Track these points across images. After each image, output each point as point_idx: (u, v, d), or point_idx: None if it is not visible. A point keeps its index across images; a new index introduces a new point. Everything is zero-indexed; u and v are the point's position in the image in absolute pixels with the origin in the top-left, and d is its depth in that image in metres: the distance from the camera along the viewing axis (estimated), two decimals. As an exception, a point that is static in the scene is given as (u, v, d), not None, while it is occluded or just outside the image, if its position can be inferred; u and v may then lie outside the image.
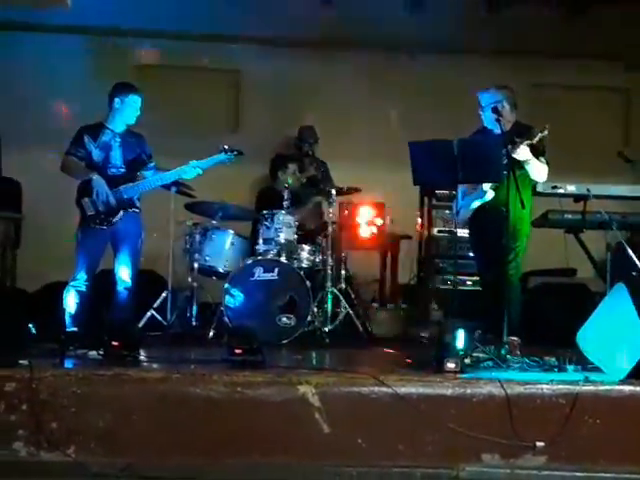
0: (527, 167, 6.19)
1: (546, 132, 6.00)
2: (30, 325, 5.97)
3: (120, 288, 6.61)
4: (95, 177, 6.48)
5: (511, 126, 6.47)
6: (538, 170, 6.25)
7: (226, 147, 6.93)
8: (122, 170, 6.64)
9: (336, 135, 9.36)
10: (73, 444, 4.71)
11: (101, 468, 4.68)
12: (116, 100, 6.63)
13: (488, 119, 6.43)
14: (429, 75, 9.82)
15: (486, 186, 6.28)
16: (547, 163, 6.30)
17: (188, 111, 9.76)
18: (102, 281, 6.75)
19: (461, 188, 6.47)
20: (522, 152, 6.05)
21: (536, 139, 6.02)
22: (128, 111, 6.65)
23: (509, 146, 6.01)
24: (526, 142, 6.02)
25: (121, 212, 6.55)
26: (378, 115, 9.70)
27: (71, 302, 6.42)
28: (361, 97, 9.74)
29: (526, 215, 6.39)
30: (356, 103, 9.73)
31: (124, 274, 6.59)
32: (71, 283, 6.51)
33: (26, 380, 4.77)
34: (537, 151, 6.16)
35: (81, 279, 6.49)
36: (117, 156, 6.63)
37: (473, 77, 8.87)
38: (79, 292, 6.48)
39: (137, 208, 6.71)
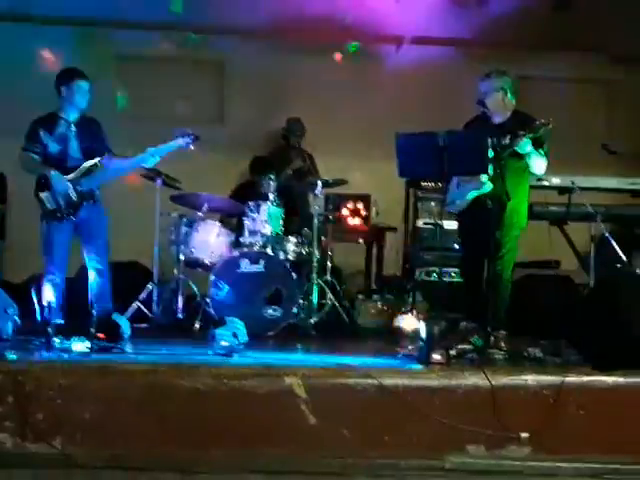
0: (528, 160, 6.18)
1: (550, 126, 5.99)
2: (15, 317, 5.97)
3: (94, 279, 6.59)
4: (52, 173, 6.41)
5: (510, 115, 6.42)
6: (538, 163, 6.24)
7: (181, 131, 6.85)
8: (81, 161, 6.55)
9: (322, 127, 9.34)
10: (59, 435, 4.72)
11: (87, 459, 4.69)
12: (62, 89, 6.51)
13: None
14: (414, 66, 9.81)
15: (484, 177, 6.25)
16: (546, 155, 6.28)
17: (172, 102, 9.74)
18: (86, 274, 6.74)
19: (455, 178, 6.44)
20: (524, 145, 6.04)
21: (540, 133, 6.01)
22: (76, 98, 6.51)
23: (511, 139, 5.99)
24: (529, 135, 6.00)
25: (82, 204, 6.50)
26: (364, 107, 9.68)
27: (50, 296, 6.37)
28: (346, 88, 9.73)
29: (522, 208, 6.38)
30: (342, 95, 9.71)
31: (96, 264, 6.57)
32: (46, 277, 6.47)
33: (12, 372, 4.77)
34: (537, 144, 6.15)
35: (54, 272, 6.46)
36: (74, 147, 6.54)
37: (457, 69, 8.89)
38: (55, 285, 6.44)
39: (97, 198, 6.62)
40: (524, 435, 4.88)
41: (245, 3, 9.44)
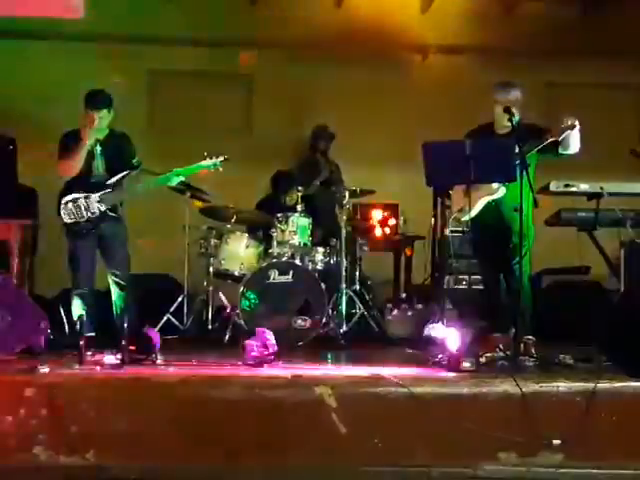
0: (572, 138, 6.15)
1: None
2: (48, 331, 6.03)
3: (116, 292, 6.64)
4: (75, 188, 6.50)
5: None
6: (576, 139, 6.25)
7: (210, 152, 6.85)
8: (104, 177, 6.59)
9: (349, 137, 9.37)
10: (92, 448, 4.75)
11: (120, 471, 4.72)
12: (84, 112, 6.57)
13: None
14: (442, 75, 9.83)
15: (495, 183, 6.25)
16: None
17: (202, 115, 9.81)
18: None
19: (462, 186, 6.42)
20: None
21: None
22: (89, 123, 6.51)
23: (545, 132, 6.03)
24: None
25: (104, 219, 6.53)
26: (391, 117, 9.71)
27: (79, 309, 6.46)
28: (374, 99, 9.76)
29: (531, 213, 6.37)
30: (369, 105, 9.74)
31: (116, 278, 6.62)
32: (74, 292, 6.55)
33: (45, 385, 4.82)
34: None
35: (82, 285, 6.53)
36: (99, 164, 6.58)
37: (487, 76, 8.85)
38: (84, 298, 6.52)
39: (119, 214, 6.66)
40: (556, 442, 4.85)
41: (272, 17, 9.53)
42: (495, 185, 6.22)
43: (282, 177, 8.64)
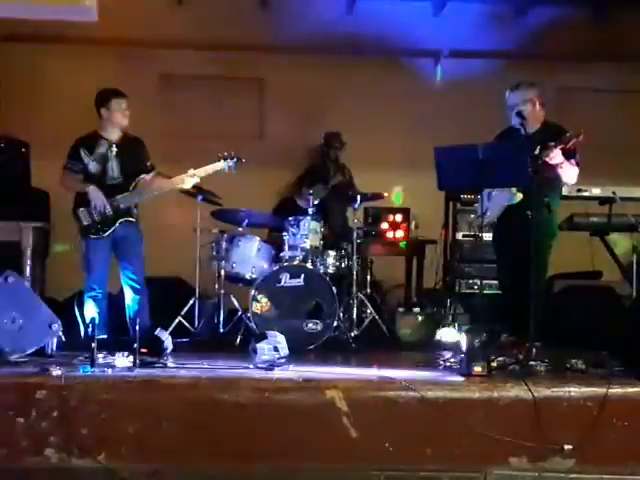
0: (559, 170, 6.14)
1: (581, 137, 5.92)
2: (60, 333, 6.04)
3: (131, 296, 6.68)
4: (91, 189, 6.52)
5: (540, 125, 6.40)
6: (569, 173, 6.20)
7: (225, 154, 6.89)
8: (119, 180, 6.64)
9: (361, 141, 9.36)
10: (103, 450, 4.76)
11: (131, 473, 4.74)
12: (102, 110, 6.63)
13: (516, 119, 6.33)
14: (452, 79, 9.82)
15: (514, 188, 6.24)
16: (577, 165, 6.25)
17: (213, 119, 9.82)
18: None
19: (486, 190, 6.43)
20: (555, 156, 5.99)
21: (570, 144, 5.97)
22: (116, 116, 6.62)
23: (541, 150, 5.95)
24: (560, 146, 5.96)
25: (118, 221, 6.58)
26: (403, 121, 9.70)
27: (92, 312, 6.48)
28: (385, 103, 9.75)
29: (554, 217, 6.35)
30: (380, 109, 9.73)
31: (132, 282, 6.66)
32: (87, 294, 6.59)
33: (57, 387, 4.83)
34: (568, 154, 6.11)
35: (95, 288, 6.57)
36: (114, 167, 6.63)
37: (497, 81, 8.86)
38: (97, 301, 6.56)
39: (134, 216, 6.71)
40: (567, 447, 4.84)
41: (283, 21, 9.53)
42: (513, 189, 6.21)
43: (309, 171, 8.70)
